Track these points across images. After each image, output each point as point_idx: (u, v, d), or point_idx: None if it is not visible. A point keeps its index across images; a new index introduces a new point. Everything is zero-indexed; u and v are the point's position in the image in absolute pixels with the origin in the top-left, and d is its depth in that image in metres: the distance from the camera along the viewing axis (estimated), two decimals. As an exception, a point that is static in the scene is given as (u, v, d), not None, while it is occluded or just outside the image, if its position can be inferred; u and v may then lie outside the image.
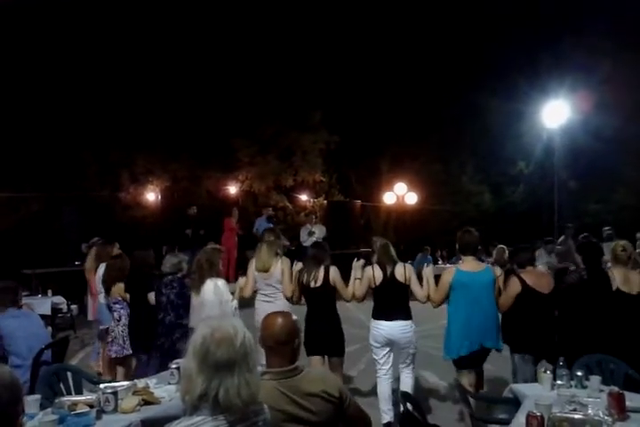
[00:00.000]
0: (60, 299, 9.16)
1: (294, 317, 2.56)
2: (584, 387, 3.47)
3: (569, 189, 18.61)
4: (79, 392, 3.88)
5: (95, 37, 15.85)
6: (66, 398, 3.36)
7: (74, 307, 9.45)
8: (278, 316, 2.52)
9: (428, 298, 4.77)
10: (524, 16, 18.99)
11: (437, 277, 4.82)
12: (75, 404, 3.17)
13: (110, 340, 5.76)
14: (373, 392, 5.04)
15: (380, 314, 4.73)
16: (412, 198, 17.75)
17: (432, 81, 18.82)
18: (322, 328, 4.78)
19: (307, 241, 13.27)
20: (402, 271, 4.72)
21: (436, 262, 14.26)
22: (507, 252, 7.83)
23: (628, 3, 17.32)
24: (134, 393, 3.36)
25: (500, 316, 4.65)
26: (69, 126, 15.71)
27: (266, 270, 5.18)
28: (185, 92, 16.84)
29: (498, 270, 4.75)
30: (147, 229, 16.38)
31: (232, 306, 5.12)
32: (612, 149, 17.50)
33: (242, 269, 11.11)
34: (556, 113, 15.32)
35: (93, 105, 15.91)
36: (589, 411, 2.99)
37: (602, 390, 3.33)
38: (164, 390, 3.54)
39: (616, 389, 3.14)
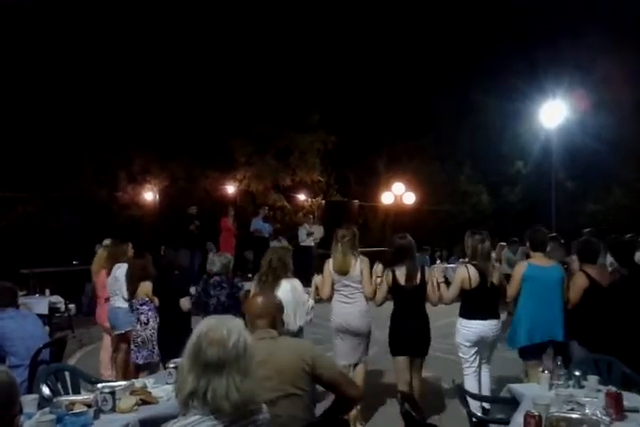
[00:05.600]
0: (57, 298, 9.10)
1: (275, 297, 3.10)
2: (582, 387, 3.46)
3: (566, 189, 18.62)
4: (77, 392, 3.86)
5: (93, 38, 15.84)
6: (63, 398, 3.34)
7: (71, 306, 9.41)
8: (258, 296, 3.12)
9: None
10: (521, 16, 19.00)
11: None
12: (72, 403, 3.15)
13: (137, 345, 5.29)
14: (368, 390, 5.02)
15: (472, 314, 4.74)
16: (409, 198, 17.74)
17: (429, 81, 18.84)
18: (412, 328, 4.76)
19: (305, 241, 13.32)
20: (497, 274, 4.80)
21: (433, 262, 14.26)
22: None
23: (626, 3, 17.34)
24: (132, 393, 3.35)
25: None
26: (66, 126, 15.68)
27: (345, 273, 4.93)
28: (183, 92, 16.83)
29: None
30: (145, 229, 16.36)
31: (308, 306, 4.95)
32: (610, 149, 17.51)
33: (239, 270, 11.10)
34: (554, 113, 15.30)
35: (90, 105, 15.89)
36: (587, 411, 2.99)
37: (599, 390, 3.32)
38: (162, 389, 3.52)
39: (614, 388, 3.15)
